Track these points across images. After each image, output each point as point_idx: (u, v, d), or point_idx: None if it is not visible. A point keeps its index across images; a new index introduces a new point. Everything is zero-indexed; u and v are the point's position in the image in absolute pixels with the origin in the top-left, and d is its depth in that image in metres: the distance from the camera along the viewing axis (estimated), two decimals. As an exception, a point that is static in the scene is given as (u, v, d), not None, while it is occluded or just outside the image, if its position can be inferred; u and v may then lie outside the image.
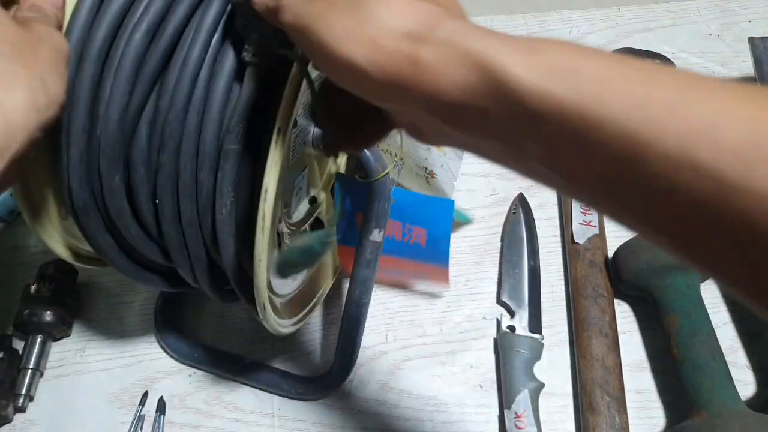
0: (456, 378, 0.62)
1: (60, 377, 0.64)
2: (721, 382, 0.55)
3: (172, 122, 0.44)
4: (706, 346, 0.57)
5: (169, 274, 0.55)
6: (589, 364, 0.59)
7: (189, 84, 0.43)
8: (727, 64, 0.82)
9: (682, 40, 0.85)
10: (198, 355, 0.63)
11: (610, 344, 0.60)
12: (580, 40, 0.86)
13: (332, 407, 0.61)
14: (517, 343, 0.61)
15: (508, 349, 0.61)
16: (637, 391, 0.60)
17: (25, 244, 0.72)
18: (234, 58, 0.43)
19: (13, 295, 0.69)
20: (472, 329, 0.65)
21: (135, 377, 0.64)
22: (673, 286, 0.60)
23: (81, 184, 0.46)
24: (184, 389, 0.63)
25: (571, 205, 0.68)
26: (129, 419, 0.61)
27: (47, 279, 0.65)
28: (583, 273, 0.64)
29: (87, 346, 0.66)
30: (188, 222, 0.46)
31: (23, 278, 0.67)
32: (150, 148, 0.45)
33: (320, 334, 0.65)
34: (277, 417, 0.61)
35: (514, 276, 0.66)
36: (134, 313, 0.68)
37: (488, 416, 0.60)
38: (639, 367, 0.62)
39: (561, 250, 0.69)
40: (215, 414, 0.61)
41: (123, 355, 0.65)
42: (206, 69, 0.43)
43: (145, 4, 0.43)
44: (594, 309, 0.62)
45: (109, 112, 0.44)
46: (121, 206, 0.47)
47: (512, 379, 0.59)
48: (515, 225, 0.69)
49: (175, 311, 0.66)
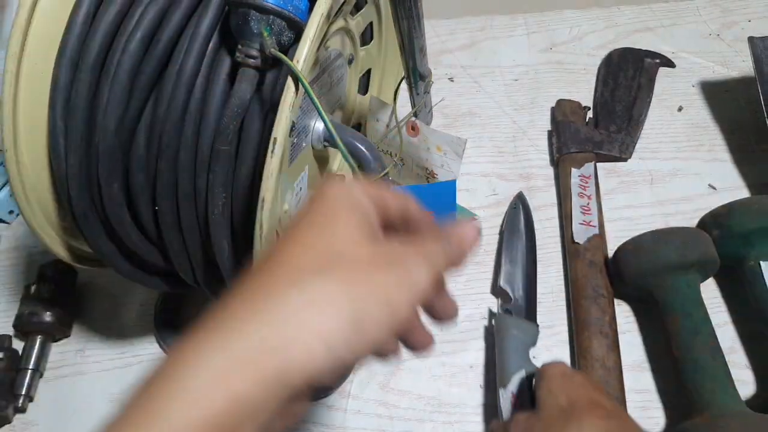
0: (456, 378, 0.62)
1: (60, 378, 0.64)
2: (722, 382, 0.55)
3: (170, 130, 0.44)
4: (706, 346, 0.57)
5: (170, 276, 0.55)
6: (589, 365, 0.59)
7: (185, 91, 0.43)
8: (727, 63, 0.82)
9: (682, 40, 0.85)
10: (198, 355, 0.63)
11: (610, 344, 0.60)
12: (580, 40, 0.86)
13: (332, 408, 0.61)
14: (513, 325, 0.60)
15: (504, 331, 0.60)
16: (637, 391, 0.60)
17: (25, 245, 0.72)
18: (230, 64, 0.43)
19: (13, 295, 0.69)
20: (472, 329, 0.65)
21: (135, 378, 0.63)
22: (674, 286, 0.60)
23: (80, 191, 0.47)
24: (183, 390, 0.63)
25: (571, 205, 0.68)
26: (129, 420, 0.61)
27: (47, 279, 0.65)
28: (583, 273, 0.64)
29: (87, 347, 0.66)
30: (188, 227, 0.47)
31: (23, 279, 0.67)
32: (148, 155, 0.45)
33: (320, 335, 0.65)
34: (277, 417, 0.61)
35: (512, 264, 0.66)
36: (134, 314, 0.68)
37: (488, 417, 0.60)
38: (639, 368, 0.61)
39: (561, 250, 0.69)
40: (215, 414, 0.61)
41: (123, 356, 0.65)
42: (202, 76, 0.43)
43: (140, 13, 0.43)
44: (594, 309, 0.62)
45: (107, 121, 0.44)
46: (121, 213, 0.47)
47: (508, 361, 0.58)
48: (514, 219, 0.69)
49: (175, 311, 0.66)
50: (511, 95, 0.82)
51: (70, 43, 0.45)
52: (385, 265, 0.32)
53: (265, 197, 0.41)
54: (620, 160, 0.74)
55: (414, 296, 0.32)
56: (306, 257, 0.31)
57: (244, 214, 0.45)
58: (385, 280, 0.31)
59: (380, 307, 0.30)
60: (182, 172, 0.44)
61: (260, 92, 0.43)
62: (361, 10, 0.56)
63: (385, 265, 0.32)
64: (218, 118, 0.43)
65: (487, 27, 0.88)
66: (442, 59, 0.85)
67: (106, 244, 0.50)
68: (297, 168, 0.52)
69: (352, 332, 0.29)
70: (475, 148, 0.76)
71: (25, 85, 0.46)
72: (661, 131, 0.77)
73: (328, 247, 0.32)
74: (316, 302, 0.29)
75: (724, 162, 0.74)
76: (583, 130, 0.75)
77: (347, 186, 0.35)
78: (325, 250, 0.32)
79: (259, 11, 0.40)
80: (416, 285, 0.32)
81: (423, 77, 0.65)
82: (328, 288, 0.30)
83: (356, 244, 0.32)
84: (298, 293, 0.30)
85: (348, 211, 0.33)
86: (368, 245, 0.33)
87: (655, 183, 0.73)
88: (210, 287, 0.52)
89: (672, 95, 0.80)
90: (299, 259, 0.31)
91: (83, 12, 0.45)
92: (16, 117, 0.46)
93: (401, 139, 0.62)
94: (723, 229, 0.62)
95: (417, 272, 0.33)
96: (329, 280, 0.30)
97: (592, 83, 0.82)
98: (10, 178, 0.47)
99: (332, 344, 0.29)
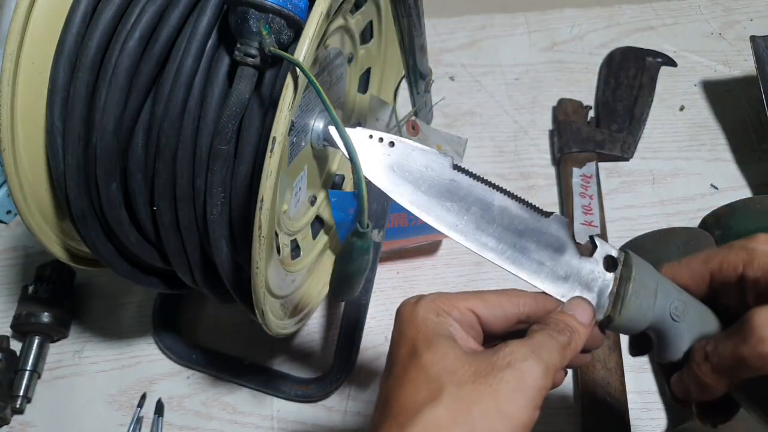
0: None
1: (58, 379, 0.64)
2: (724, 383, 0.54)
3: (168, 129, 0.43)
4: (708, 347, 0.56)
5: (168, 276, 0.55)
6: (591, 365, 0.58)
7: (184, 91, 0.43)
8: (729, 62, 0.82)
9: (684, 39, 0.84)
10: (196, 356, 0.63)
11: (611, 345, 0.60)
12: (581, 39, 0.86)
13: (332, 409, 0.61)
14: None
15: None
16: (638, 392, 0.59)
17: (23, 245, 0.72)
18: (228, 63, 0.43)
19: (10, 296, 0.68)
20: (473, 330, 0.64)
21: (133, 379, 0.63)
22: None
23: (79, 192, 0.46)
24: (182, 391, 0.62)
25: (572, 205, 0.68)
26: (127, 421, 0.61)
27: (45, 280, 0.65)
28: (585, 273, 0.64)
29: (85, 348, 0.66)
30: (186, 228, 0.46)
31: (21, 279, 0.67)
32: (146, 155, 0.45)
33: (320, 336, 0.65)
34: (276, 419, 0.60)
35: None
36: (132, 314, 0.67)
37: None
38: (641, 369, 0.61)
39: (562, 251, 0.68)
40: (213, 416, 0.61)
41: (121, 357, 0.65)
42: (201, 75, 0.43)
43: (138, 12, 0.43)
44: (595, 310, 0.61)
45: (105, 121, 0.44)
46: (120, 213, 0.47)
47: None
48: None
49: (173, 312, 0.66)
50: (512, 94, 0.81)
51: (68, 42, 0.45)
52: (491, 375, 0.31)
53: (263, 197, 0.41)
54: (622, 159, 0.74)
55: (532, 398, 0.31)
56: (417, 393, 0.32)
57: (242, 214, 0.45)
58: (494, 390, 0.31)
59: (498, 419, 0.30)
60: (181, 172, 0.44)
61: (259, 91, 0.43)
62: (360, 9, 0.56)
63: (492, 375, 0.31)
64: (217, 118, 0.43)
65: (487, 25, 0.88)
66: (443, 58, 0.85)
67: (104, 245, 0.50)
68: (296, 167, 0.52)
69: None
70: (476, 147, 0.76)
71: (23, 85, 0.45)
72: (662, 131, 0.77)
73: (428, 378, 0.32)
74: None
75: (726, 162, 0.74)
76: (585, 129, 0.75)
77: (424, 304, 0.35)
78: (426, 380, 0.32)
79: (258, 9, 0.40)
80: (531, 386, 0.32)
81: (423, 76, 0.65)
82: (441, 420, 0.30)
83: (456, 364, 0.32)
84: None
85: (431, 333, 0.33)
86: (467, 361, 0.32)
87: (656, 183, 0.73)
88: (208, 288, 0.52)
89: (674, 94, 0.80)
90: (412, 398, 0.32)
91: (81, 11, 0.45)
92: (13, 117, 0.46)
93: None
94: (725, 229, 0.62)
95: (530, 371, 0.32)
96: (439, 409, 0.31)
97: (594, 82, 0.81)
98: (8, 178, 0.47)
99: None
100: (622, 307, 0.37)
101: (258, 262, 0.43)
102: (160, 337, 0.64)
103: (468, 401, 0.31)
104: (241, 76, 0.41)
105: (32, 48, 0.45)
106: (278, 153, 0.40)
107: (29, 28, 0.45)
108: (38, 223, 0.50)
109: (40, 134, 0.47)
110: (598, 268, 0.38)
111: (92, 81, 0.44)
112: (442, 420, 0.30)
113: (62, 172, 0.46)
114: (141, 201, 0.47)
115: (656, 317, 0.37)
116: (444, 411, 0.30)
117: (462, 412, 0.30)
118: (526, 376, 0.32)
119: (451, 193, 0.38)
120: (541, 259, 0.38)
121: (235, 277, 0.48)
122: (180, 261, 0.49)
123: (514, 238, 0.38)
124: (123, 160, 0.46)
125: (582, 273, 0.38)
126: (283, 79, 0.40)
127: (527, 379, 0.32)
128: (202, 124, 0.43)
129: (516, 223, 0.38)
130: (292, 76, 0.40)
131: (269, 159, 0.40)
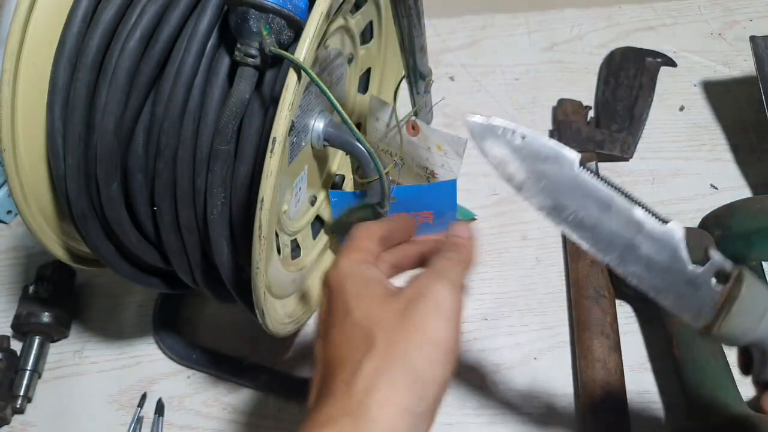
0: (456, 379, 0.62)
1: (58, 379, 0.64)
2: (723, 382, 0.54)
3: (168, 130, 0.43)
4: (707, 346, 0.56)
5: (169, 276, 0.55)
6: (591, 365, 0.59)
7: (184, 91, 0.43)
8: (729, 63, 0.82)
9: (684, 39, 0.84)
10: (197, 356, 0.63)
11: (611, 345, 0.60)
12: (581, 39, 0.86)
13: (332, 409, 0.61)
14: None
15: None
16: (638, 392, 0.59)
17: (24, 245, 0.72)
18: (229, 63, 0.43)
19: (11, 296, 0.68)
20: (473, 330, 0.64)
21: (133, 379, 0.63)
22: (675, 287, 0.59)
23: (79, 192, 0.46)
24: (182, 391, 0.62)
25: (572, 205, 0.68)
26: (127, 421, 0.61)
27: (45, 280, 0.65)
28: (585, 273, 0.64)
29: (85, 348, 0.66)
30: (187, 228, 0.46)
31: (22, 279, 0.67)
32: (147, 155, 0.45)
33: (320, 335, 0.65)
34: (277, 419, 0.61)
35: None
36: (132, 314, 0.67)
37: (490, 418, 0.60)
38: (640, 368, 0.61)
39: (562, 251, 0.68)
40: (214, 416, 0.61)
41: (121, 357, 0.65)
42: (201, 75, 0.43)
43: (138, 12, 0.43)
44: (595, 309, 0.61)
45: (105, 121, 0.44)
46: (120, 214, 0.47)
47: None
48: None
49: (174, 312, 0.66)
50: (511, 94, 0.81)
51: (68, 42, 0.45)
52: (410, 310, 0.34)
53: (264, 197, 0.41)
54: (622, 159, 0.74)
55: (450, 317, 0.34)
56: (356, 349, 0.34)
57: (243, 214, 0.45)
58: (417, 323, 0.33)
59: (429, 348, 0.33)
60: (181, 172, 0.44)
61: (259, 91, 0.43)
62: (360, 9, 0.56)
63: (411, 310, 0.34)
64: (217, 118, 0.43)
65: (487, 26, 0.88)
66: (443, 58, 0.85)
67: (105, 245, 0.50)
68: (296, 167, 0.52)
69: (421, 395, 0.32)
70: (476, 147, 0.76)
71: (24, 85, 0.46)
72: (662, 131, 0.77)
73: (361, 330, 0.34)
74: (377, 387, 0.32)
75: (726, 162, 0.74)
76: (585, 129, 0.75)
77: (343, 265, 0.37)
78: (360, 334, 0.34)
79: (258, 10, 0.40)
80: (447, 308, 0.34)
81: (423, 76, 0.65)
82: (381, 367, 0.32)
83: (380, 311, 0.34)
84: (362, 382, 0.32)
85: (357, 288, 0.36)
86: (389, 303, 0.35)
87: (656, 183, 0.73)
88: (209, 288, 0.52)
89: (673, 95, 0.80)
90: (352, 355, 0.34)
91: (82, 11, 0.45)
92: (14, 117, 0.46)
93: (401, 139, 0.62)
94: (725, 230, 0.62)
95: (441, 295, 0.34)
96: (376, 357, 0.33)
97: (594, 82, 0.81)
98: (9, 178, 0.47)
99: (412, 412, 0.31)
100: (722, 322, 0.37)
101: (258, 262, 0.43)
102: (160, 337, 0.64)
103: (399, 341, 0.33)
104: (241, 77, 0.41)
105: (33, 48, 0.45)
106: (278, 153, 0.40)
107: (30, 28, 0.45)
108: (39, 223, 0.50)
109: (41, 134, 0.47)
110: (708, 277, 0.38)
111: (93, 81, 0.44)
112: (382, 366, 0.32)
113: (63, 172, 0.46)
114: (141, 201, 0.47)
115: (759, 338, 0.37)
116: (381, 357, 0.32)
117: (397, 353, 0.32)
118: (438, 299, 0.34)
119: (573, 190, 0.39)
120: (650, 255, 0.39)
121: (236, 277, 0.48)
122: (180, 261, 0.49)
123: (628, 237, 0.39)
124: (123, 160, 0.46)
125: (689, 276, 0.38)
126: (283, 80, 0.40)
127: (441, 301, 0.34)
128: (203, 124, 0.43)
129: (632, 224, 0.40)
130: (292, 76, 0.40)
131: (269, 159, 0.40)
